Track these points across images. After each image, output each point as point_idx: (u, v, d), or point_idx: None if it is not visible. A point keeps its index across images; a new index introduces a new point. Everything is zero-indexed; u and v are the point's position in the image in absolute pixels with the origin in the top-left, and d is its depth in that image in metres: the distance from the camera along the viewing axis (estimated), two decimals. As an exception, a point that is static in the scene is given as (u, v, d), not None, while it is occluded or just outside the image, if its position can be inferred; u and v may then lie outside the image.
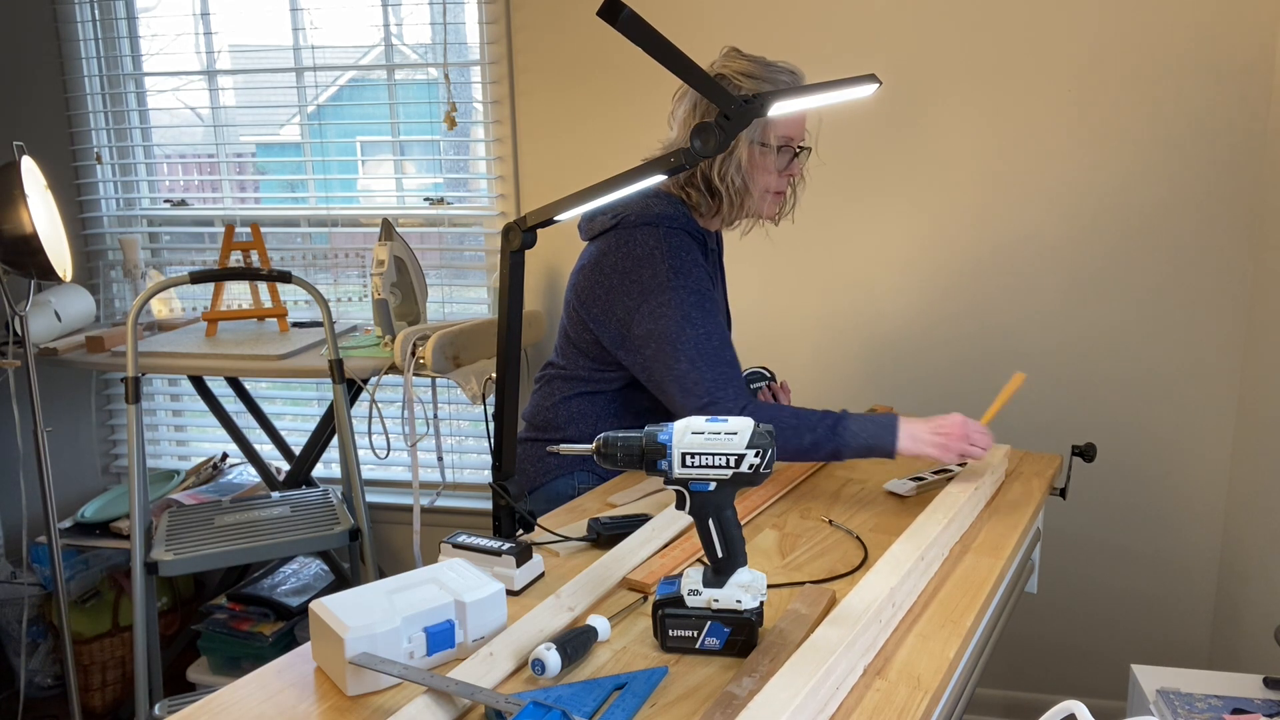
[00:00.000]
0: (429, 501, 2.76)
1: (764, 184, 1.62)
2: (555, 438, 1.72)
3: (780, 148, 1.61)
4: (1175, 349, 2.25)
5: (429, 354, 2.12)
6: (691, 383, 1.51)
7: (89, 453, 3.03)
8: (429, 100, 2.71)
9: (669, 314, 1.53)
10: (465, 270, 2.75)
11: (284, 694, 1.02)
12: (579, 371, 1.69)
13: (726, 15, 2.35)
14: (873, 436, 1.47)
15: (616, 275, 1.58)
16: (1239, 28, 2.08)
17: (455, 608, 1.07)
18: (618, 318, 1.58)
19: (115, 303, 2.95)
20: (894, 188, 2.34)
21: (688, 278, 1.55)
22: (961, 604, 1.20)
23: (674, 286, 1.53)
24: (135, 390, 2.04)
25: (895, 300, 2.40)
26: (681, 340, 1.52)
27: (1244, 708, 1.51)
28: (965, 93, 2.26)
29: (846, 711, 0.97)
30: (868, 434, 1.47)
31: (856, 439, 1.47)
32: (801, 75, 1.61)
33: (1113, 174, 2.21)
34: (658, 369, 1.55)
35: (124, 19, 2.82)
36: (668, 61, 1.13)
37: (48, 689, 2.71)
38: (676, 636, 1.09)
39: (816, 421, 1.48)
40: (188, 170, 2.99)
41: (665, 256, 1.55)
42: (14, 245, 2.05)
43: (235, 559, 2.11)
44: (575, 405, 1.70)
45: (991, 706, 2.51)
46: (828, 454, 1.49)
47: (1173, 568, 2.34)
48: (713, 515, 1.09)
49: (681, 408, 1.52)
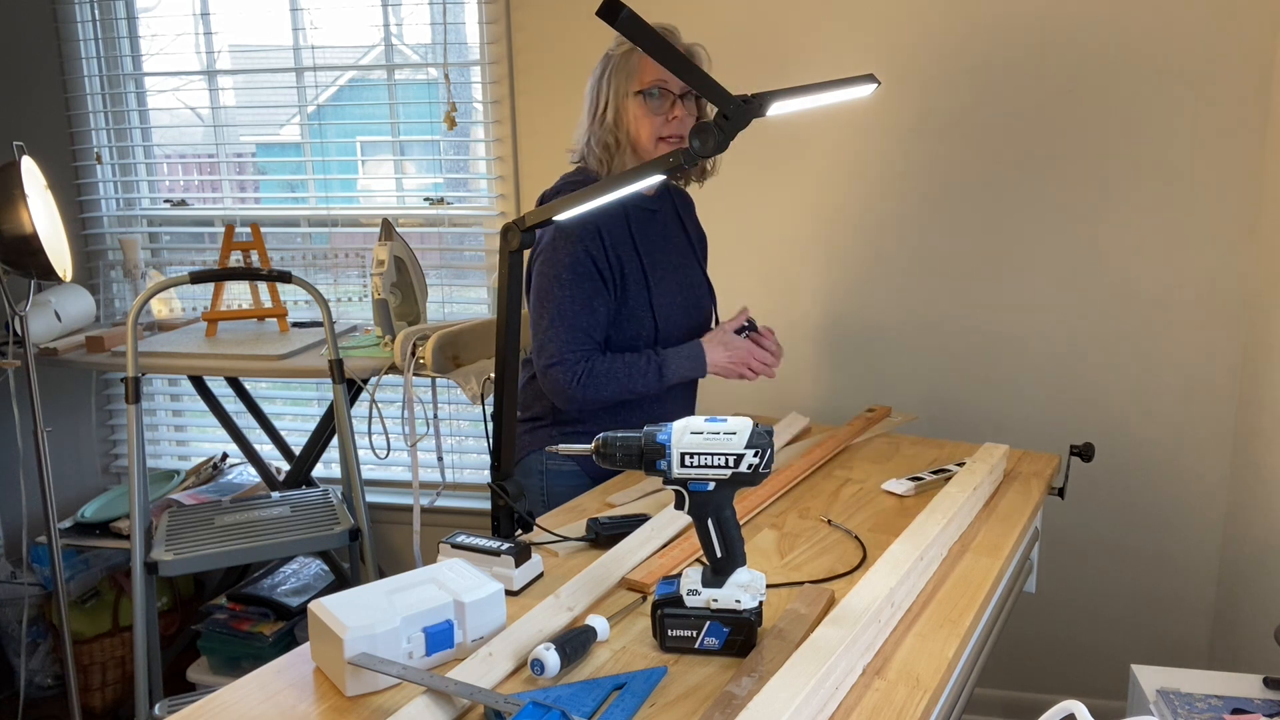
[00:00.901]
0: (429, 501, 2.76)
1: (646, 132, 1.71)
2: (526, 417, 1.84)
3: (647, 93, 1.69)
4: (1175, 349, 2.25)
5: (429, 354, 2.12)
6: (546, 341, 1.69)
7: (89, 453, 3.03)
8: (429, 100, 2.71)
9: (546, 272, 1.70)
10: (465, 270, 2.75)
11: (283, 694, 1.02)
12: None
13: (726, 15, 2.35)
14: (689, 371, 1.74)
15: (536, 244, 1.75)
16: (1240, 27, 2.08)
17: (454, 608, 1.07)
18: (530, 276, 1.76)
19: (115, 303, 2.95)
20: (894, 188, 2.34)
21: (569, 243, 1.68)
22: (960, 604, 1.20)
23: (555, 248, 1.69)
24: (135, 390, 2.04)
25: (895, 300, 2.39)
26: (548, 300, 1.69)
27: (1244, 708, 1.51)
28: (965, 94, 2.25)
29: (846, 711, 0.97)
30: (685, 369, 1.73)
31: (677, 374, 1.73)
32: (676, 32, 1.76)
33: (1113, 173, 2.21)
34: (532, 321, 1.73)
35: (124, 19, 2.82)
36: (666, 61, 1.13)
37: (48, 689, 2.71)
38: (676, 636, 1.09)
39: (644, 368, 1.71)
40: (188, 170, 2.99)
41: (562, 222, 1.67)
42: (14, 245, 2.05)
43: (235, 559, 2.11)
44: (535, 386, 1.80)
45: (991, 706, 2.51)
46: (657, 390, 1.73)
47: (1173, 568, 2.34)
48: (712, 515, 1.09)
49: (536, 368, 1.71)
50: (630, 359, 1.70)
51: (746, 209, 2.43)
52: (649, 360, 1.70)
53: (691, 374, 1.74)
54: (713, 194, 2.19)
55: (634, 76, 1.69)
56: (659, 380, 1.70)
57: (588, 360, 1.68)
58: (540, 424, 1.82)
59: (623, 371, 1.69)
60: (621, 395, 1.70)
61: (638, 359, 1.70)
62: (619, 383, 1.69)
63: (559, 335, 1.68)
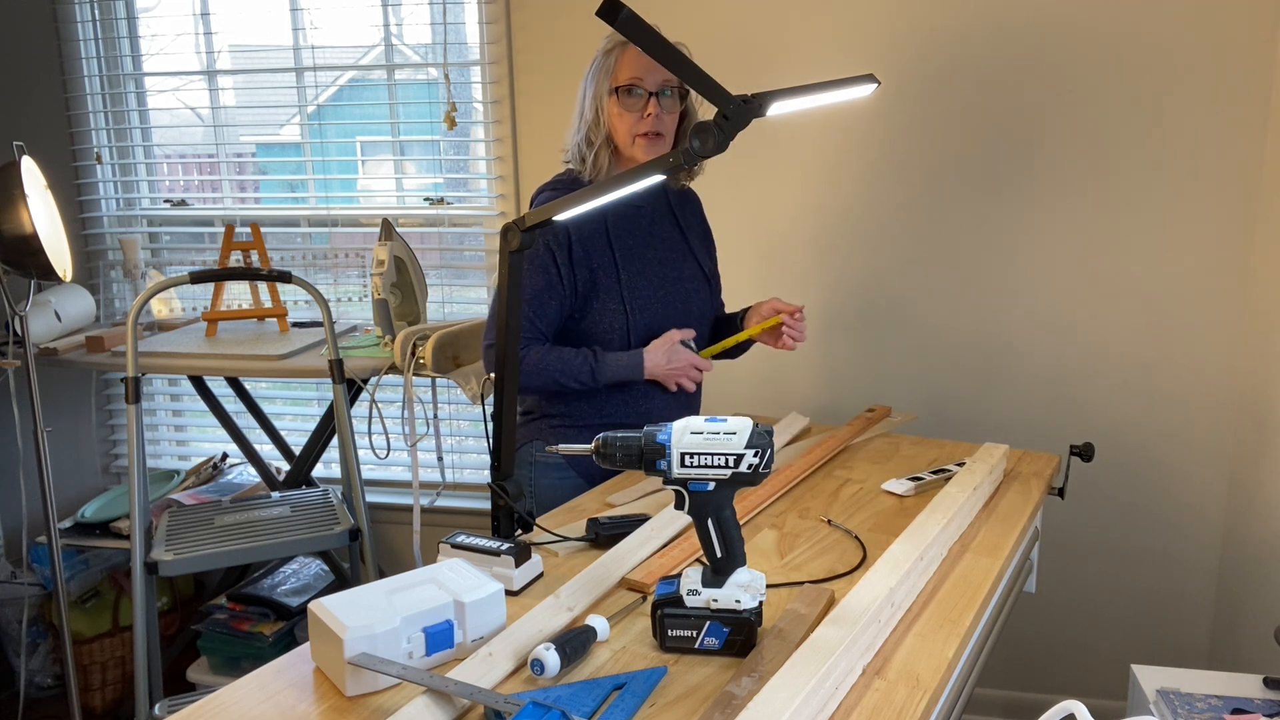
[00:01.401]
0: (429, 501, 2.76)
1: (623, 130, 1.74)
2: (523, 407, 1.87)
3: (621, 90, 1.72)
4: (1174, 349, 2.25)
5: (429, 354, 2.12)
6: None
7: (89, 453, 3.03)
8: (429, 100, 2.71)
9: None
10: (465, 270, 2.75)
11: (283, 694, 1.02)
12: None
13: (726, 15, 2.35)
14: (624, 374, 1.76)
15: None
16: (1240, 28, 2.08)
17: (454, 608, 1.07)
18: None
19: (115, 303, 2.95)
20: (895, 188, 2.34)
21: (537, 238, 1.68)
22: (960, 604, 1.20)
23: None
24: (135, 390, 2.04)
25: (895, 300, 2.39)
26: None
27: (1244, 708, 1.51)
28: (966, 94, 2.25)
29: (846, 711, 0.97)
30: (620, 373, 1.76)
31: (611, 376, 1.76)
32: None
33: (1113, 173, 2.21)
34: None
35: (124, 19, 2.82)
36: (666, 61, 1.13)
37: (48, 689, 2.71)
38: (675, 636, 1.09)
39: (579, 367, 1.74)
40: (188, 170, 2.99)
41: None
42: (14, 245, 2.05)
43: (235, 559, 2.11)
44: None
45: (991, 706, 2.51)
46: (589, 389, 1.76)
47: (1173, 568, 2.34)
48: (712, 515, 1.09)
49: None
50: (568, 354, 1.75)
51: (747, 209, 2.43)
52: (584, 359, 1.75)
53: (627, 376, 1.78)
54: (713, 194, 2.19)
55: (611, 75, 1.73)
56: (591, 379, 1.74)
57: (524, 348, 1.73)
58: (531, 418, 1.86)
59: (556, 365, 1.74)
60: (550, 388, 1.76)
61: (575, 355, 1.75)
62: (549, 375, 1.73)
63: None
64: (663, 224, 1.90)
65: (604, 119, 1.75)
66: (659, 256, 1.86)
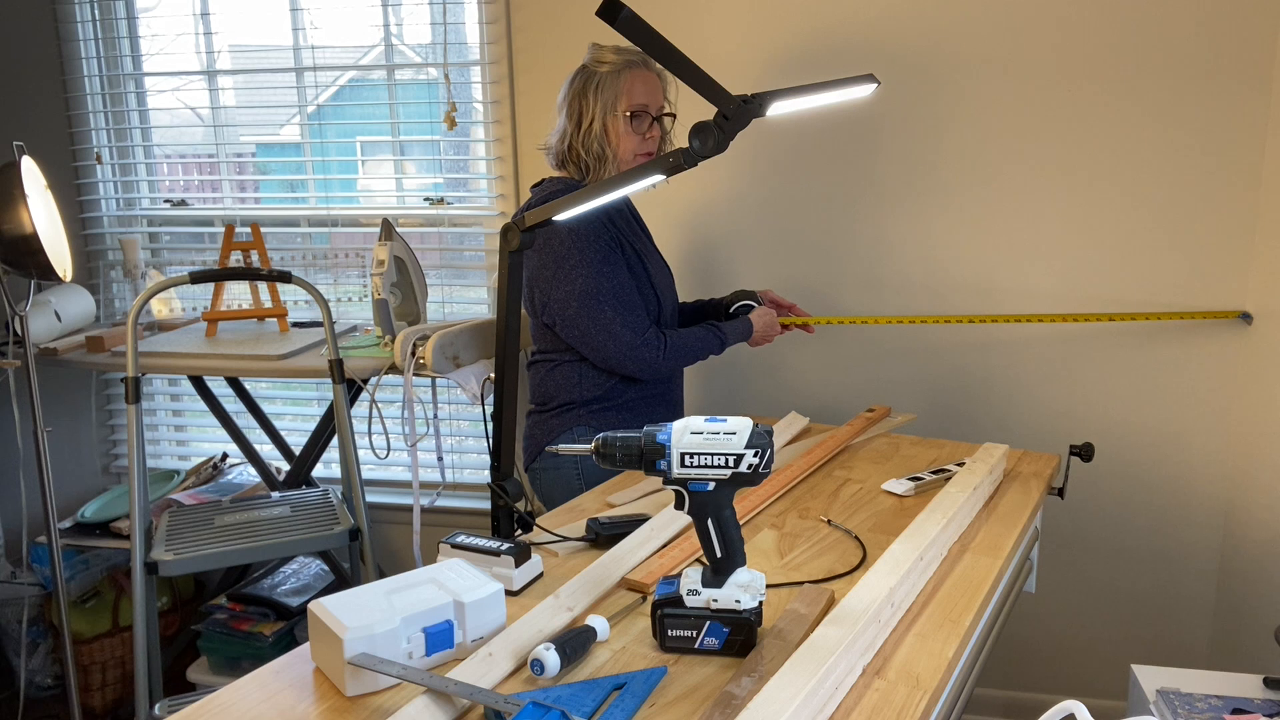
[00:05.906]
0: (429, 501, 2.76)
1: (628, 148, 1.89)
2: (553, 406, 1.97)
3: (634, 114, 1.86)
4: (1174, 349, 2.25)
5: (429, 354, 2.13)
6: (619, 328, 1.84)
7: (89, 453, 3.03)
8: (429, 100, 2.71)
9: (583, 273, 1.82)
10: (465, 270, 2.75)
11: (283, 694, 1.02)
12: (553, 345, 1.96)
13: (725, 15, 2.35)
14: (740, 337, 2.00)
15: (535, 255, 1.87)
16: (1240, 28, 2.08)
17: (454, 608, 1.07)
18: (540, 289, 1.88)
19: (115, 303, 2.95)
20: (894, 189, 2.34)
21: (592, 240, 1.83)
22: (960, 603, 1.20)
23: (580, 249, 1.83)
24: (135, 390, 2.04)
25: (894, 300, 2.39)
26: (601, 294, 1.83)
27: (1244, 708, 1.51)
28: (966, 93, 2.25)
29: (845, 711, 0.97)
30: (736, 337, 1.99)
31: (733, 340, 1.99)
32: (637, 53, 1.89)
33: (1113, 173, 2.21)
34: (583, 323, 1.84)
35: (124, 19, 2.82)
36: (666, 61, 1.13)
37: (48, 689, 2.71)
38: (675, 636, 1.09)
39: (711, 340, 1.95)
40: (188, 170, 2.99)
41: (566, 226, 1.82)
42: (14, 245, 2.05)
43: (235, 559, 2.11)
44: (561, 373, 1.95)
45: (991, 706, 2.51)
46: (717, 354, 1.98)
47: (1173, 568, 2.34)
48: (711, 515, 1.09)
49: (609, 356, 1.86)
50: (696, 332, 1.94)
51: (747, 209, 2.43)
52: (711, 332, 1.95)
53: (740, 339, 2.01)
54: (714, 194, 2.20)
55: (622, 98, 1.86)
56: (720, 346, 1.96)
57: (659, 333, 1.89)
58: (570, 408, 1.95)
59: (694, 344, 1.93)
60: (690, 363, 1.96)
61: (703, 331, 1.95)
62: (692, 350, 1.93)
63: (627, 320, 1.85)
64: (636, 221, 2.07)
65: (611, 136, 1.88)
66: (648, 249, 2.05)
